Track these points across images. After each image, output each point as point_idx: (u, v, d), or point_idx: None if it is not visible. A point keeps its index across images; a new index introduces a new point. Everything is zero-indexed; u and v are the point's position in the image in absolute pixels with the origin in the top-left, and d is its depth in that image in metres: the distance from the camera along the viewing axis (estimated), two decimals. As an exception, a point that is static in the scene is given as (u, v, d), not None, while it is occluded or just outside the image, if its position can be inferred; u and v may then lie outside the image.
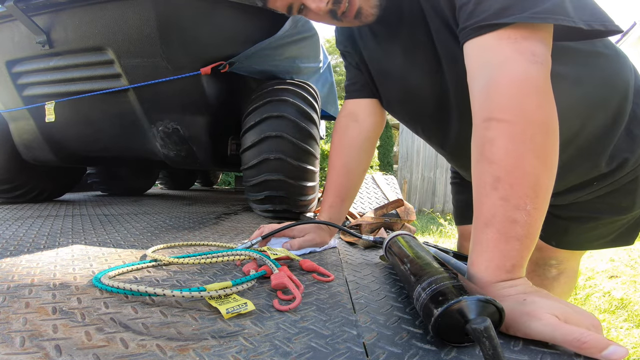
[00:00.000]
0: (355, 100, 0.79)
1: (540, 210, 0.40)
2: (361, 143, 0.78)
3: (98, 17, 1.09)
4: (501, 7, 0.44)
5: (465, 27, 0.47)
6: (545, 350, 0.32)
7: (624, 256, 2.93)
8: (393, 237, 0.57)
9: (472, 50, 0.48)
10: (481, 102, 0.45)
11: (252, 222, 1.14)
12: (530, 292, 0.37)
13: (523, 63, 0.43)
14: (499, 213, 0.40)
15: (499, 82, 0.43)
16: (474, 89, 0.47)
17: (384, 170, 7.44)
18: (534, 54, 0.43)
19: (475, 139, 0.45)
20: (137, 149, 1.42)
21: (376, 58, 0.72)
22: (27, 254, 0.61)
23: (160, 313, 0.38)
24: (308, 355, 0.31)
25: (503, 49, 0.44)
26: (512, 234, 0.39)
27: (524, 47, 0.43)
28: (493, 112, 0.43)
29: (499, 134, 0.42)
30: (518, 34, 0.44)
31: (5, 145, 1.48)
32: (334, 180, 0.77)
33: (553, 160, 0.42)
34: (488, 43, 0.46)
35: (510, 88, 0.42)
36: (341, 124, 0.79)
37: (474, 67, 0.47)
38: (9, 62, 1.27)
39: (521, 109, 0.41)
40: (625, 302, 1.96)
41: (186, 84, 1.19)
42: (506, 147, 0.41)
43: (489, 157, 0.42)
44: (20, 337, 0.31)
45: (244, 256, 0.57)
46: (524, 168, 0.40)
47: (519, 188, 0.39)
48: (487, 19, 0.45)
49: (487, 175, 0.42)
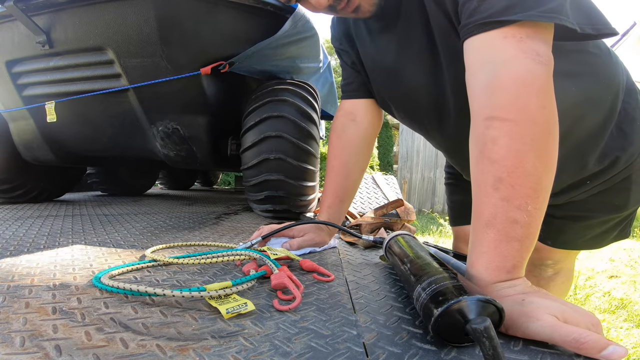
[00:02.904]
0: (352, 100, 0.79)
1: (540, 211, 0.40)
2: (359, 143, 0.78)
3: (98, 17, 1.09)
4: (506, 5, 0.43)
5: (468, 24, 0.47)
6: (545, 350, 0.32)
7: (624, 256, 2.93)
8: (393, 237, 0.57)
9: (474, 46, 0.47)
10: (482, 99, 0.45)
11: (252, 222, 1.14)
12: (529, 292, 0.37)
13: (528, 62, 0.42)
14: (499, 213, 0.40)
15: (502, 80, 0.43)
16: (475, 86, 0.46)
17: (384, 170, 7.44)
18: (538, 53, 0.43)
19: (474, 137, 0.45)
20: (137, 149, 1.42)
21: (371, 54, 0.71)
22: (27, 254, 0.61)
23: (160, 313, 0.38)
24: (308, 355, 0.31)
25: (507, 47, 0.44)
26: (513, 234, 0.39)
27: (528, 46, 0.43)
28: (496, 111, 0.42)
29: (502, 133, 0.41)
30: (523, 32, 0.43)
31: (5, 145, 1.48)
32: (333, 181, 0.77)
33: (553, 161, 0.42)
34: (492, 40, 0.45)
35: (514, 87, 0.42)
36: (339, 124, 0.79)
37: (476, 63, 0.47)
38: (9, 62, 1.27)
39: (525, 109, 0.41)
40: (625, 302, 1.96)
41: (186, 84, 1.19)
42: (509, 146, 0.40)
43: (491, 156, 0.41)
44: (20, 337, 0.31)
45: (244, 256, 0.57)
46: (526, 168, 0.40)
47: (520, 188, 0.39)
48: (492, 16, 0.44)
49: (488, 175, 0.41)
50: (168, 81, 1.16)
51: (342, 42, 0.78)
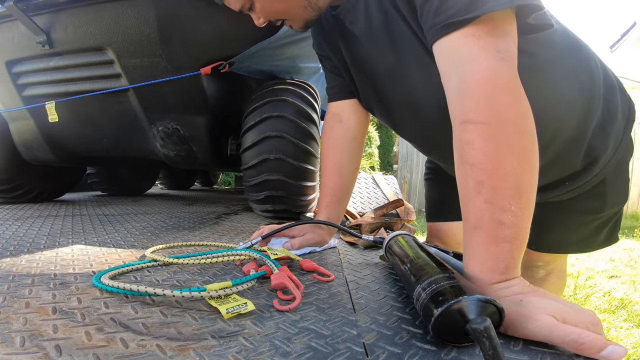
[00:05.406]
0: (337, 102, 0.81)
1: (526, 210, 0.40)
2: (348, 143, 0.79)
3: (98, 17, 1.09)
4: (465, 3, 0.43)
5: (433, 26, 0.47)
6: (545, 350, 0.32)
7: (624, 256, 2.94)
8: (393, 237, 0.57)
9: (441, 50, 0.47)
10: (456, 104, 0.45)
11: (252, 222, 1.14)
12: (527, 292, 0.37)
13: (488, 61, 0.42)
14: (485, 216, 0.40)
15: (467, 82, 0.43)
16: (448, 91, 0.47)
17: (384, 170, 7.44)
18: (498, 50, 0.42)
19: (455, 142, 0.45)
20: (137, 149, 1.42)
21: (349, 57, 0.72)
22: (27, 254, 0.61)
23: (160, 313, 0.38)
24: (308, 355, 0.31)
25: (469, 47, 0.43)
26: (501, 235, 0.39)
27: (488, 43, 0.43)
28: (468, 114, 0.42)
29: (475, 136, 0.41)
30: (482, 30, 0.43)
31: (5, 145, 1.48)
32: (328, 181, 0.78)
33: (532, 158, 0.41)
34: (455, 42, 0.45)
35: (479, 88, 0.42)
36: (327, 126, 0.81)
37: (445, 68, 0.47)
38: (9, 62, 1.27)
39: (493, 109, 0.41)
40: (625, 302, 1.96)
41: (186, 84, 1.19)
42: (484, 149, 0.41)
43: (469, 160, 0.42)
44: (20, 337, 0.31)
45: (244, 256, 0.57)
46: (504, 169, 0.39)
47: (501, 190, 0.39)
48: (453, 16, 0.44)
49: (469, 179, 0.41)
50: (168, 81, 1.16)
51: (321, 46, 0.79)
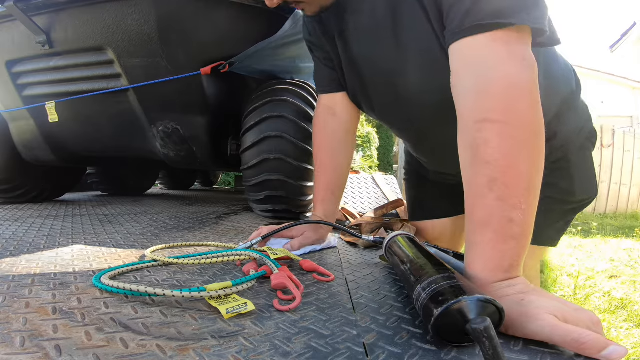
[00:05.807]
0: (329, 94, 0.80)
1: (533, 208, 0.41)
2: (342, 136, 0.79)
3: (98, 17, 1.09)
4: (496, 9, 0.44)
5: (460, 26, 0.47)
6: (545, 350, 0.32)
7: (624, 256, 2.94)
8: (393, 237, 0.57)
9: (460, 49, 0.48)
10: (472, 102, 0.45)
11: (252, 222, 1.14)
12: (529, 292, 0.37)
13: (517, 66, 0.43)
14: (496, 213, 0.40)
15: (492, 83, 0.43)
16: (462, 89, 0.47)
17: (384, 170, 7.43)
18: (525, 57, 0.44)
19: (465, 141, 0.45)
20: (137, 149, 1.42)
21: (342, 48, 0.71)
22: (27, 254, 0.61)
23: (160, 313, 0.38)
24: (308, 355, 0.31)
25: (496, 51, 0.44)
26: (510, 233, 0.39)
27: (516, 50, 0.44)
28: (486, 113, 0.43)
29: (494, 134, 0.42)
30: (511, 36, 0.44)
31: (5, 145, 1.48)
32: (323, 175, 0.78)
33: (542, 159, 0.43)
34: (479, 43, 0.46)
35: (504, 90, 0.43)
36: (320, 120, 0.81)
37: (461, 67, 0.48)
38: (9, 62, 1.27)
39: (515, 111, 0.42)
40: (625, 302, 1.96)
41: (186, 84, 1.19)
42: (501, 147, 0.41)
43: (484, 157, 0.42)
44: (20, 337, 0.31)
45: (244, 256, 0.57)
46: (519, 168, 0.40)
47: (514, 188, 0.40)
48: (485, 19, 0.45)
49: (482, 177, 0.42)
50: (168, 81, 1.16)
51: (314, 35, 0.78)
